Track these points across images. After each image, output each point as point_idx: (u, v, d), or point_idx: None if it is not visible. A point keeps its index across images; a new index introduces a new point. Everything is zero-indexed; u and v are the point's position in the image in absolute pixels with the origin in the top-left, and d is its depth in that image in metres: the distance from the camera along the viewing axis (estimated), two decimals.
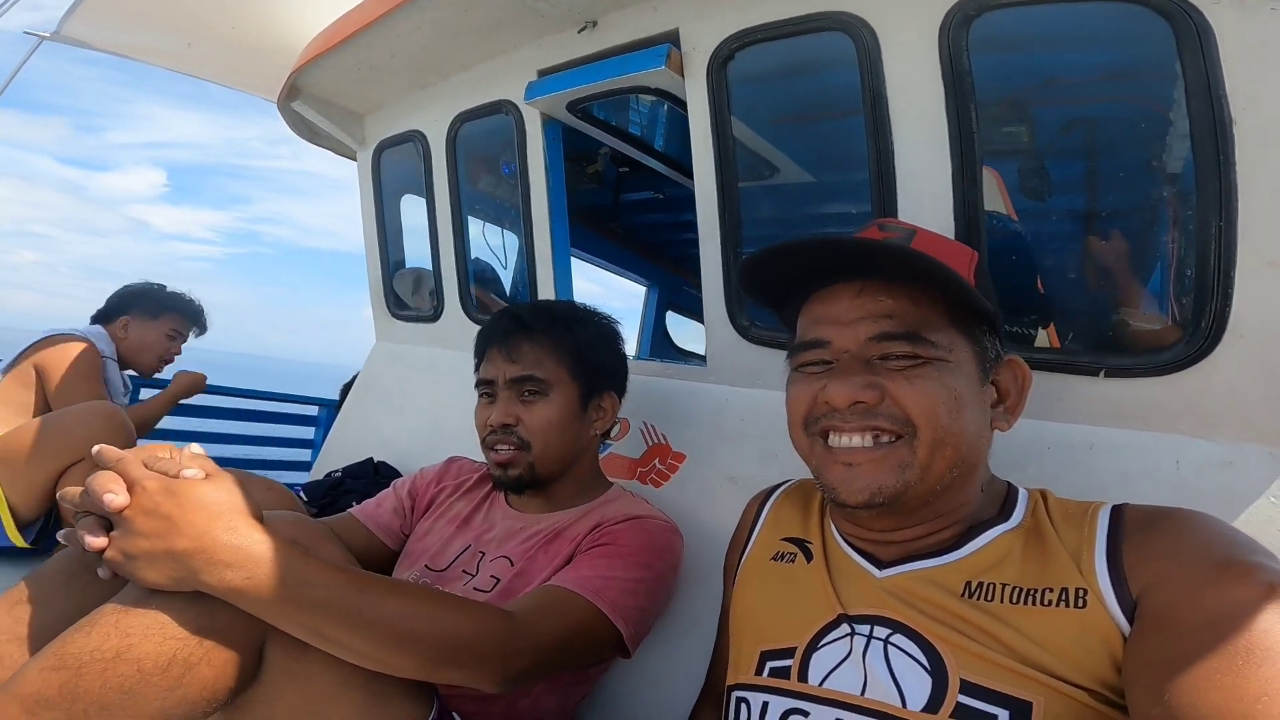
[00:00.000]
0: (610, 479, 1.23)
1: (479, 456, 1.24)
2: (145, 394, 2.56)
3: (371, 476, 1.83)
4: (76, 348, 2.02)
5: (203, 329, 2.33)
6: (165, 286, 2.28)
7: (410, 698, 0.78)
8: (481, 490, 1.21)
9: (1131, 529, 0.63)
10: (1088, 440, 0.94)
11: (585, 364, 1.12)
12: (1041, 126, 1.10)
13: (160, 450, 0.72)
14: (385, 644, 0.71)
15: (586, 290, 2.91)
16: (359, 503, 1.25)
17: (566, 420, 1.10)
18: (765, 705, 0.70)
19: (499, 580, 1.03)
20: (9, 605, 0.77)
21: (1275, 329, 0.83)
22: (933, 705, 0.61)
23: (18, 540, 1.72)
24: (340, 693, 0.72)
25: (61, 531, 0.71)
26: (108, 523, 0.67)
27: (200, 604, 0.67)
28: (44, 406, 1.97)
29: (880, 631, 0.66)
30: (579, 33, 1.52)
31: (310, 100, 2.09)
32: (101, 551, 0.66)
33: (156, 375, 2.30)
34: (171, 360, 2.23)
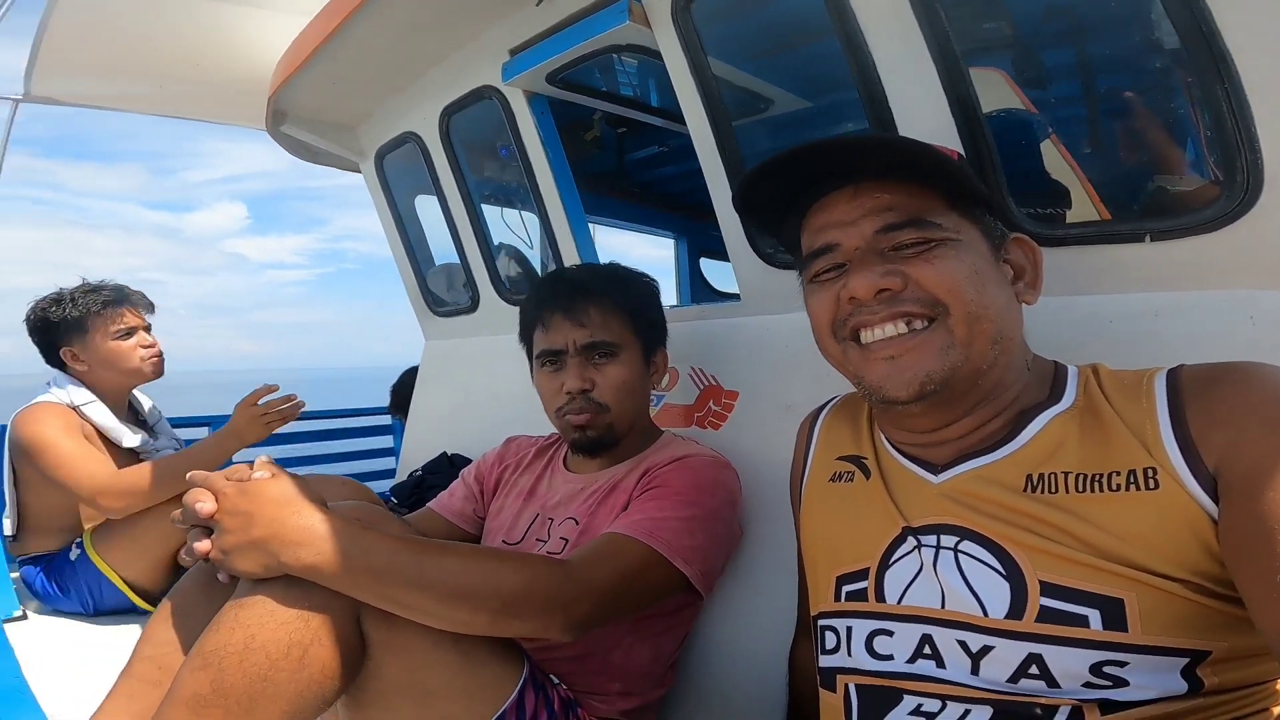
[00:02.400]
0: (669, 429, 1.24)
1: (544, 431, 1.27)
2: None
3: (447, 469, 1.91)
4: (25, 423, 1.68)
5: (140, 304, 1.86)
6: (60, 294, 1.79)
7: (500, 659, 0.83)
8: (541, 461, 1.25)
9: (1192, 393, 0.58)
10: (1151, 308, 0.89)
11: (643, 321, 1.14)
12: (1021, 18, 1.05)
13: (240, 470, 0.82)
14: (446, 600, 0.75)
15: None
16: None
17: (636, 378, 1.12)
18: (849, 630, 0.69)
19: (568, 541, 1.07)
20: (162, 621, 0.88)
21: None
22: (1015, 611, 0.58)
23: (148, 608, 1.74)
24: (432, 658, 0.78)
25: (181, 550, 0.81)
26: (209, 531, 0.77)
27: (296, 588, 0.74)
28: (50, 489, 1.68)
29: (947, 540, 0.64)
30: (537, 5, 1.50)
31: (297, 121, 2.11)
32: (206, 555, 0.76)
33: (159, 377, 1.90)
34: (153, 355, 1.84)
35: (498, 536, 1.17)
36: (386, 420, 3.66)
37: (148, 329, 1.88)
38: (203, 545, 0.76)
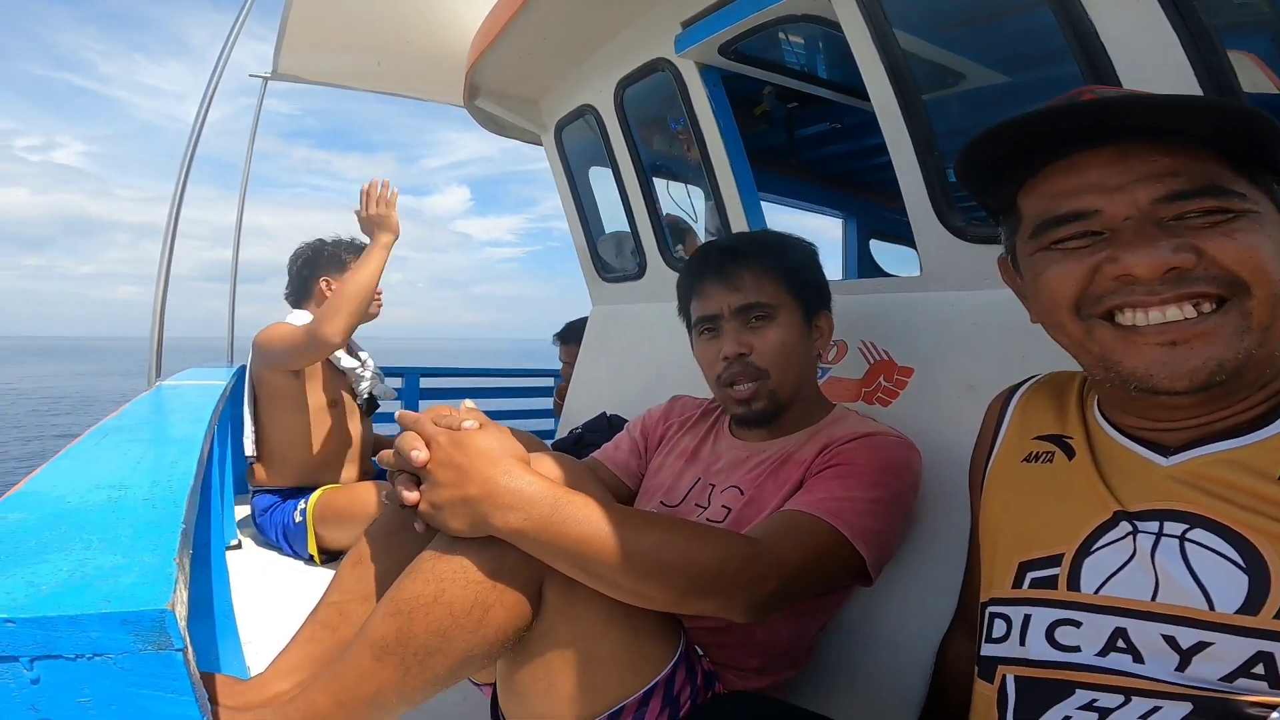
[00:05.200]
0: (860, 413, 1.19)
1: (703, 395, 1.28)
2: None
3: (606, 429, 2.00)
4: (263, 332, 2.01)
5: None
6: (323, 241, 2.19)
7: (662, 633, 0.81)
8: (705, 423, 1.22)
9: None
10: None
11: (801, 283, 1.10)
12: None
13: (443, 410, 0.81)
14: (641, 575, 0.73)
15: None
16: None
17: (796, 341, 1.08)
18: (1027, 618, 0.64)
19: (730, 510, 1.04)
20: (351, 566, 0.90)
21: None
22: (1250, 607, 0.53)
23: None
24: (604, 629, 0.77)
25: (385, 492, 0.81)
26: (416, 480, 0.76)
27: (492, 548, 0.73)
28: (295, 391, 2.04)
29: (1173, 528, 0.58)
30: None
31: (490, 95, 2.27)
32: (415, 505, 0.75)
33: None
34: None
35: (656, 496, 1.17)
36: (549, 382, 3.90)
37: None
38: (412, 495, 0.75)
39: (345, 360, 2.14)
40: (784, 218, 3.13)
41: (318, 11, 2.51)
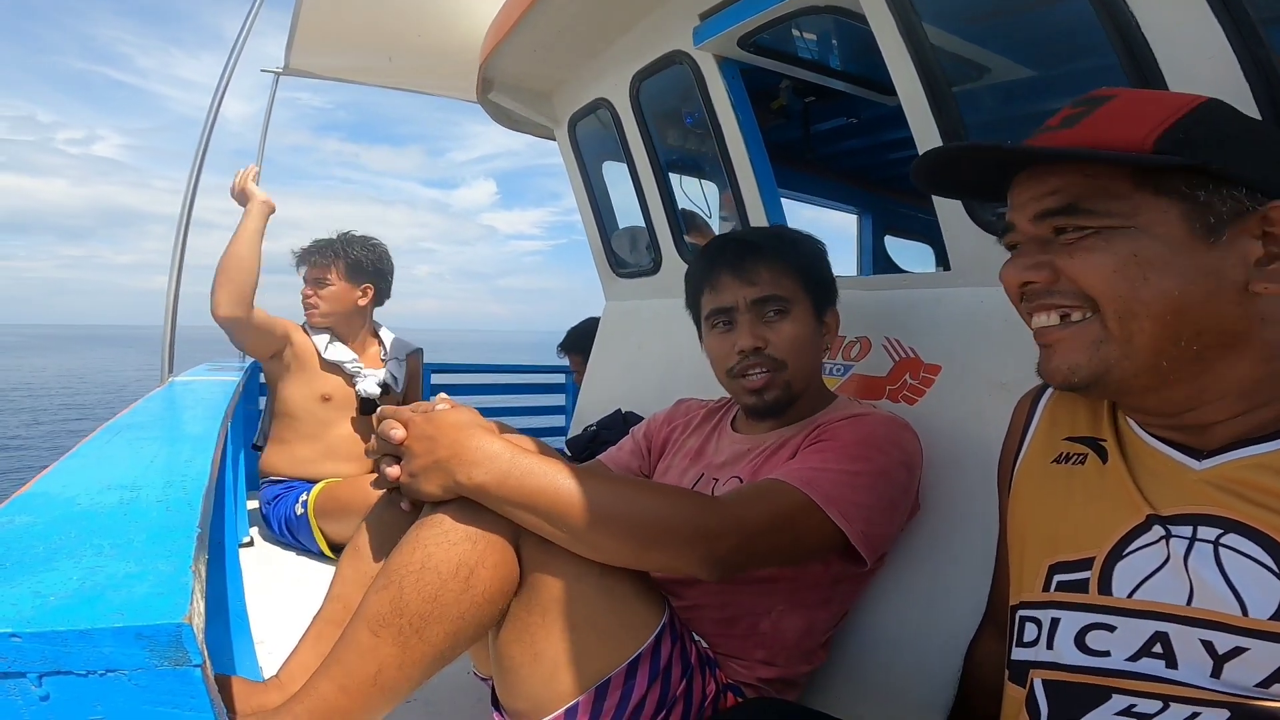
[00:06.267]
0: (861, 400, 1.20)
1: (717, 394, 1.26)
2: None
3: (621, 426, 1.97)
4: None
5: (328, 258, 2.14)
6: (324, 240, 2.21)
7: (642, 603, 0.84)
8: (710, 424, 1.23)
9: None
10: None
11: (814, 279, 1.11)
12: None
13: (423, 405, 0.88)
14: (598, 525, 0.77)
15: None
16: None
17: (809, 335, 1.09)
18: (1056, 622, 0.64)
19: None
20: (349, 559, 0.94)
21: None
22: None
23: None
24: (578, 592, 0.79)
25: (373, 479, 0.88)
26: (399, 460, 0.83)
27: (466, 509, 0.78)
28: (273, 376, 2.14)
29: (1207, 533, 0.58)
30: None
31: (503, 89, 2.25)
32: (397, 480, 0.82)
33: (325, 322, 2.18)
34: (314, 305, 2.14)
35: None
36: (561, 379, 3.88)
37: (317, 281, 2.15)
38: (393, 470, 0.82)
39: (331, 351, 2.14)
40: (799, 212, 3.10)
41: (329, 6, 2.50)
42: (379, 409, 0.89)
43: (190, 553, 0.45)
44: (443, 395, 0.92)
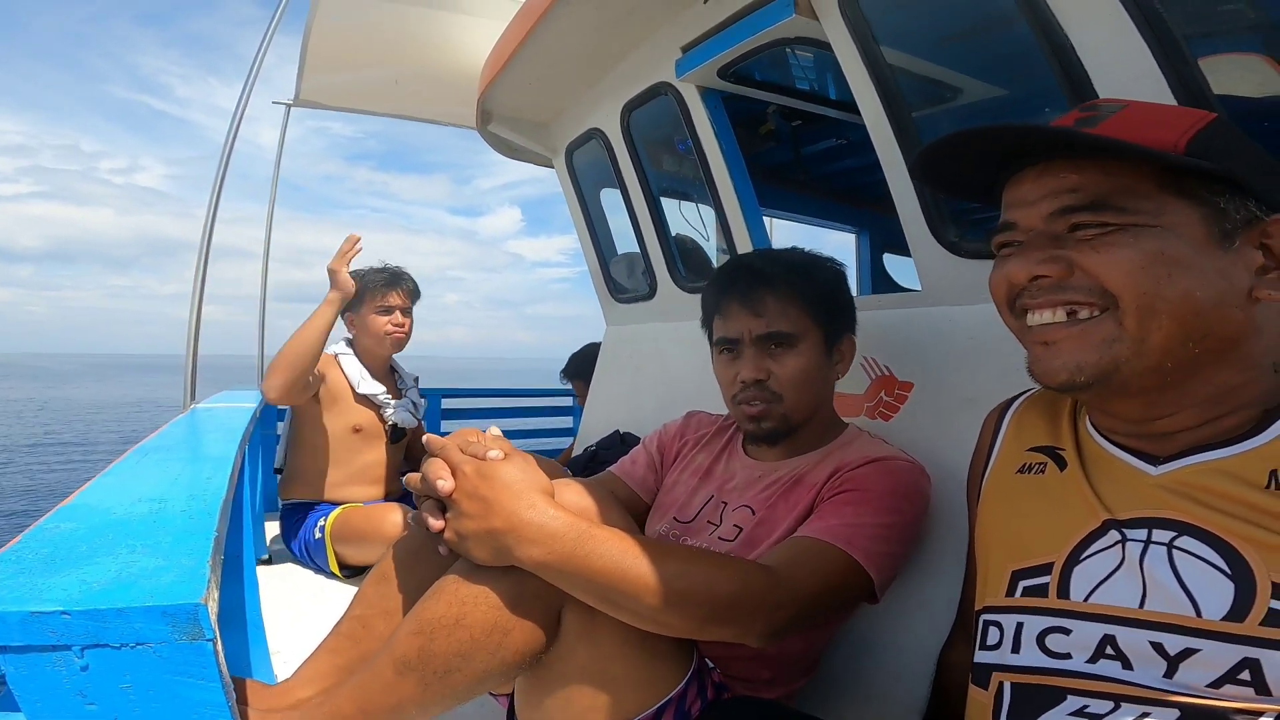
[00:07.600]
0: (870, 434, 1.20)
1: (716, 412, 1.31)
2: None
3: (619, 446, 2.04)
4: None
5: (405, 289, 2.20)
6: (360, 272, 2.19)
7: (676, 653, 0.84)
8: (720, 441, 1.23)
9: None
10: None
11: (827, 309, 1.10)
12: None
13: (470, 435, 0.84)
14: (662, 606, 0.75)
15: None
16: None
17: (815, 368, 1.08)
18: (1019, 626, 0.66)
19: (741, 530, 1.06)
20: (375, 582, 0.93)
21: None
22: (1237, 614, 0.54)
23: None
24: (621, 651, 0.79)
25: (411, 514, 0.87)
26: (443, 505, 0.79)
27: (513, 575, 0.76)
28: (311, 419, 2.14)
29: (1161, 535, 0.59)
30: (704, 3, 1.55)
31: (502, 120, 2.34)
32: (441, 532, 0.78)
33: (398, 350, 2.28)
34: (396, 332, 2.19)
35: (669, 513, 1.18)
36: (568, 402, 3.96)
37: (405, 310, 2.22)
38: (437, 523, 0.78)
39: (364, 385, 2.20)
40: (803, 234, 3.15)
41: (336, 39, 2.60)
42: (424, 439, 0.85)
43: (208, 552, 0.53)
44: (495, 431, 0.86)
